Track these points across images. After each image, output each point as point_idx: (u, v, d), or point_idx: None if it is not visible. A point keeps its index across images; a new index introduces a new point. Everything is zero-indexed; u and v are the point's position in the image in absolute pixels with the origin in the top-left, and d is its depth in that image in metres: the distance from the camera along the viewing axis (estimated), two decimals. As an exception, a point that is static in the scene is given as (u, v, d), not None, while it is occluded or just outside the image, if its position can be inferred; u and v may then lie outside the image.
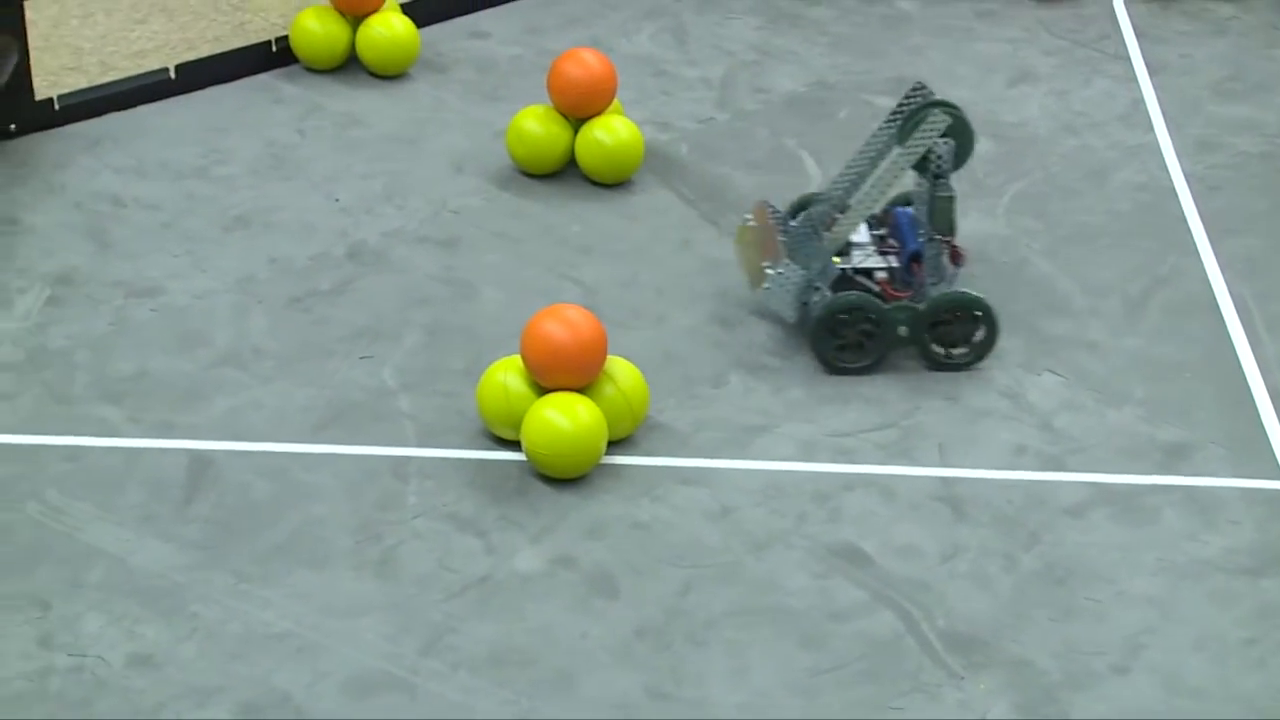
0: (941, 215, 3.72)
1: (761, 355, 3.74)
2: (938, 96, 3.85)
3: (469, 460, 3.46)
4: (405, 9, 4.98)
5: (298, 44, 4.85)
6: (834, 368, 3.68)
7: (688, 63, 4.97)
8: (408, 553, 3.22)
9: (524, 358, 3.45)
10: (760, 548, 3.21)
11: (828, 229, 3.83)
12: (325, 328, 3.83)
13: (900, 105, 3.86)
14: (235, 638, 3.02)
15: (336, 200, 4.30)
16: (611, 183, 4.37)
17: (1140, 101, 4.68)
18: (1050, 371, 3.65)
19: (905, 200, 3.92)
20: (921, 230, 3.78)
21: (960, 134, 3.75)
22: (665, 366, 3.70)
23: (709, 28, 5.15)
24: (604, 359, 3.45)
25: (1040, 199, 4.26)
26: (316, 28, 4.82)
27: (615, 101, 4.46)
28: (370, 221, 4.22)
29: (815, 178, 4.40)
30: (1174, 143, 4.40)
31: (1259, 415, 3.46)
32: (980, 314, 3.67)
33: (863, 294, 3.69)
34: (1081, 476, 3.32)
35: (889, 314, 3.65)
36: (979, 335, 3.68)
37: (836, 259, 3.78)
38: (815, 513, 3.29)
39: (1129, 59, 4.90)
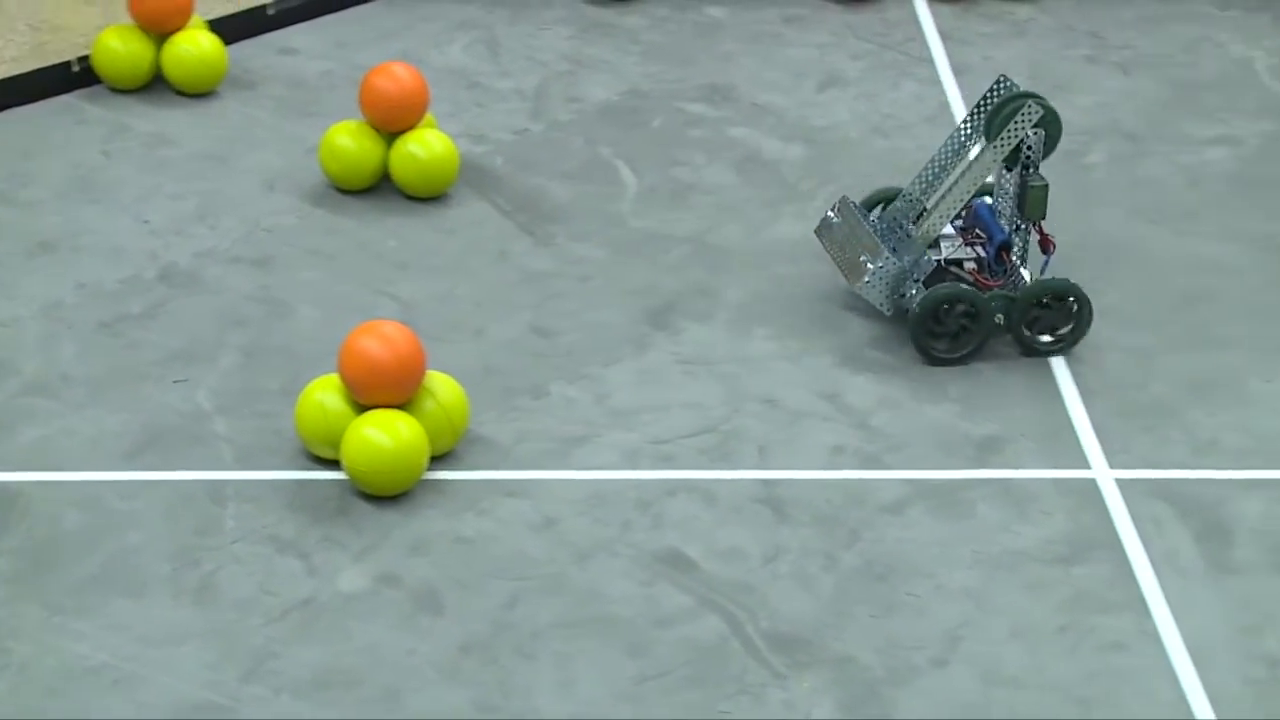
0: (1035, 204, 3.80)
1: (583, 365, 3.75)
2: (1022, 88, 3.90)
3: (288, 481, 3.42)
4: (211, 26, 4.93)
5: (100, 64, 4.77)
6: (933, 359, 3.72)
7: (501, 74, 4.97)
8: (227, 578, 3.18)
9: (341, 375, 3.42)
10: (584, 557, 3.22)
11: (913, 223, 3.89)
12: (137, 352, 3.77)
13: (984, 98, 3.92)
14: (50, 672, 2.96)
15: (146, 222, 4.24)
16: (427, 196, 4.36)
17: (947, 104, 4.77)
18: (866, 371, 3.70)
19: (984, 191, 3.96)
20: (1004, 219, 3.85)
21: (1051, 123, 3.82)
22: (485, 379, 3.70)
23: (521, 39, 5.16)
24: (423, 374, 3.44)
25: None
26: (119, 47, 4.75)
27: (428, 115, 4.44)
28: (181, 242, 4.17)
29: (631, 186, 4.42)
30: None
31: (1066, 408, 3.54)
32: (1075, 300, 3.73)
33: (959, 284, 3.76)
34: (899, 474, 3.37)
35: (986, 303, 3.71)
36: (1071, 323, 3.74)
37: (928, 251, 3.86)
38: (639, 520, 3.30)
39: (933, 61, 4.99)
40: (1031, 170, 3.81)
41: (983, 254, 3.89)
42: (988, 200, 3.95)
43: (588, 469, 3.44)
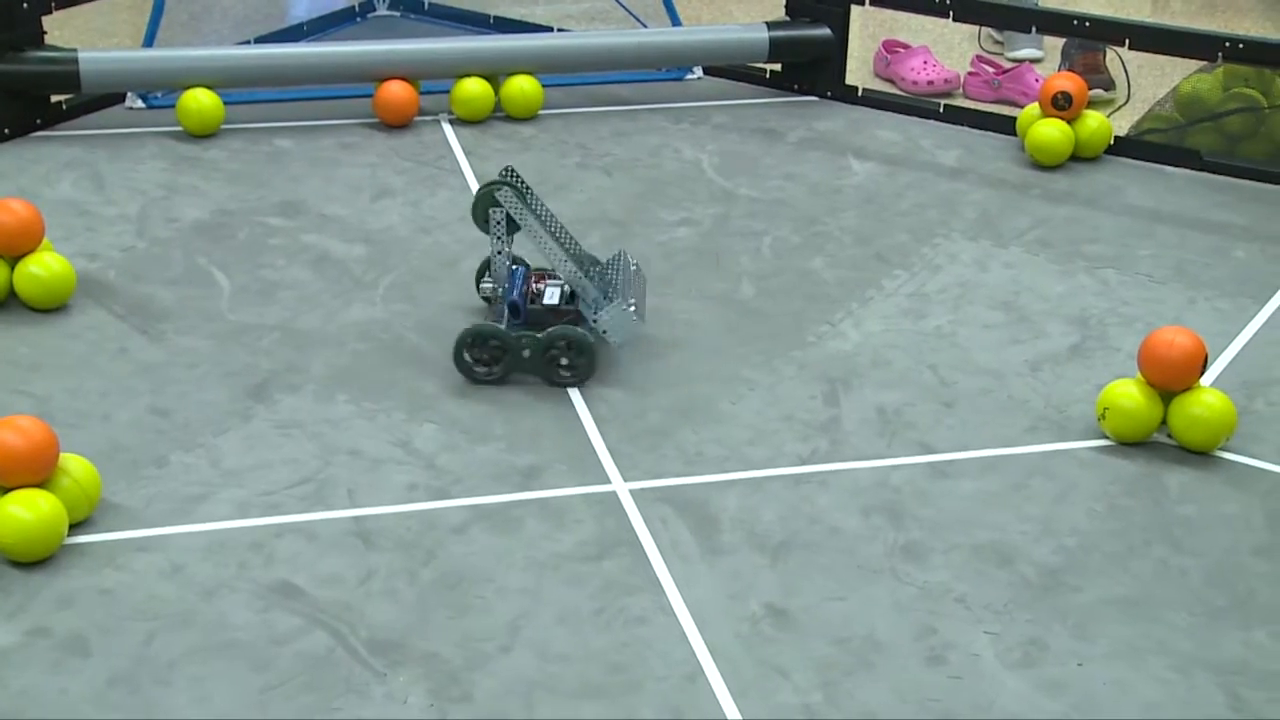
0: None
1: (197, 436, 3.59)
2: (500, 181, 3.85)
3: (-56, 558, 3.17)
4: None
5: None
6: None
7: (107, 202, 4.74)
8: (-106, 647, 2.92)
9: (-16, 464, 3.19)
10: (210, 595, 3.08)
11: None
12: None
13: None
14: None
15: None
16: (50, 308, 4.11)
17: (475, 205, 4.77)
18: (429, 422, 3.66)
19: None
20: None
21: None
22: (114, 455, 3.50)
23: (122, 173, 4.94)
24: (56, 456, 3.24)
25: (407, 286, 4.29)
26: None
27: (45, 240, 4.19)
28: None
29: (225, 287, 4.27)
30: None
31: (588, 437, 3.59)
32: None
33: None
34: (462, 501, 3.35)
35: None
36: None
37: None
38: (253, 559, 3.18)
39: (462, 173, 5.01)
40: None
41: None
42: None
43: (207, 521, 3.30)
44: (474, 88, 5.32)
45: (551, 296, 3.87)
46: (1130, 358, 3.94)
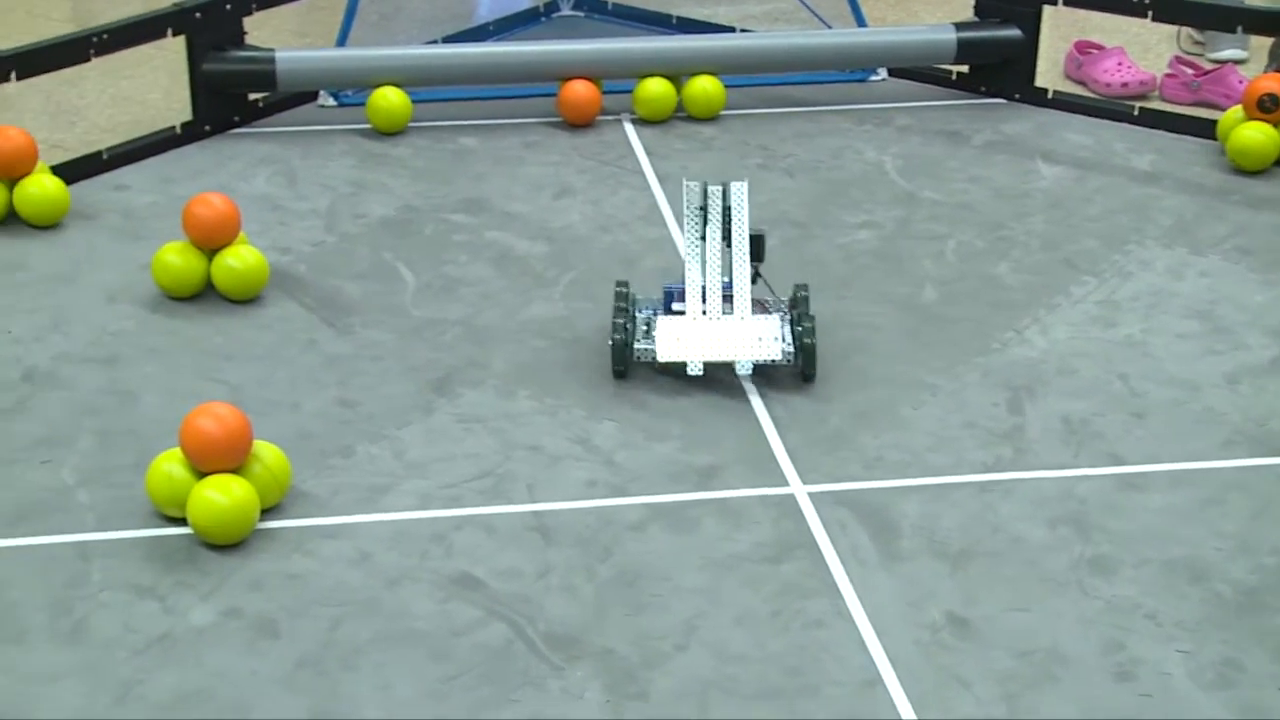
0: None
1: (382, 428, 3.69)
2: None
3: (144, 538, 3.30)
4: (54, 170, 4.76)
5: (-38, 203, 4.58)
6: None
7: (298, 198, 4.89)
8: (96, 621, 3.05)
9: (183, 449, 3.32)
10: (393, 584, 3.17)
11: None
12: (7, 440, 3.61)
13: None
14: (-52, 714, 2.81)
15: (9, 332, 4.06)
16: (244, 300, 4.26)
17: (655, 205, 4.83)
18: (608, 419, 3.70)
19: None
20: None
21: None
22: (303, 444, 3.62)
23: (313, 169, 5.09)
24: (250, 443, 3.36)
25: (588, 284, 4.35)
26: (-23, 189, 4.56)
27: (241, 234, 4.35)
28: (40, 348, 4.00)
29: (410, 282, 4.38)
30: (683, 235, 4.53)
31: (766, 439, 3.59)
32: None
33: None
34: (639, 499, 3.38)
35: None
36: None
37: None
38: (435, 550, 3.26)
39: (643, 172, 5.05)
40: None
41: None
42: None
43: (391, 511, 3.38)
44: (656, 88, 5.36)
45: (681, 306, 3.92)
46: (1334, 371, 3.80)
